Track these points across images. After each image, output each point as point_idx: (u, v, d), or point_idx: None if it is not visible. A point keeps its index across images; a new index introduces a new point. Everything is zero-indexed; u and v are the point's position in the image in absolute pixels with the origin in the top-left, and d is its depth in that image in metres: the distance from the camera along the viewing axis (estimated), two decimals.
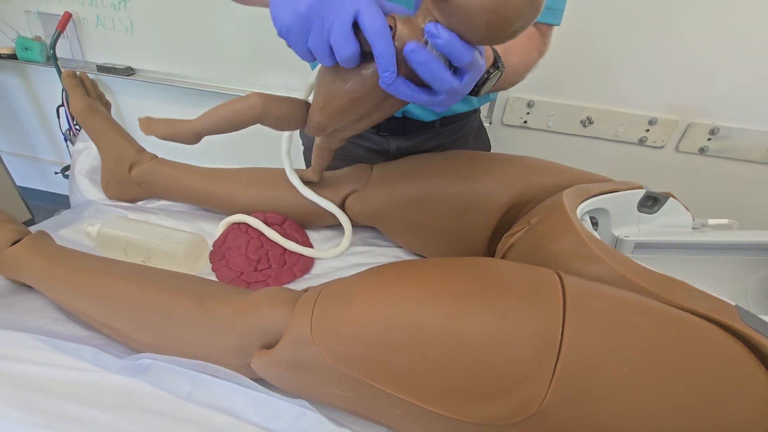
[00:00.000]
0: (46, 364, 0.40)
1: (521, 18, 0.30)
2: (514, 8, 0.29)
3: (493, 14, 0.29)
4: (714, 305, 0.32)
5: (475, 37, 0.31)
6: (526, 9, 0.29)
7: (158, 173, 0.66)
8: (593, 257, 0.36)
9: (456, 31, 0.31)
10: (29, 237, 0.50)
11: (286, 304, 0.39)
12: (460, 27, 0.30)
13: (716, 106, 1.00)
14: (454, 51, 0.30)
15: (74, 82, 0.67)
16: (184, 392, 0.39)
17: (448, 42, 0.30)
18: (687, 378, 0.29)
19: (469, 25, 0.30)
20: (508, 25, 0.30)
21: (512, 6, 0.29)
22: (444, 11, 0.30)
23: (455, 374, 0.31)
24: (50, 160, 1.70)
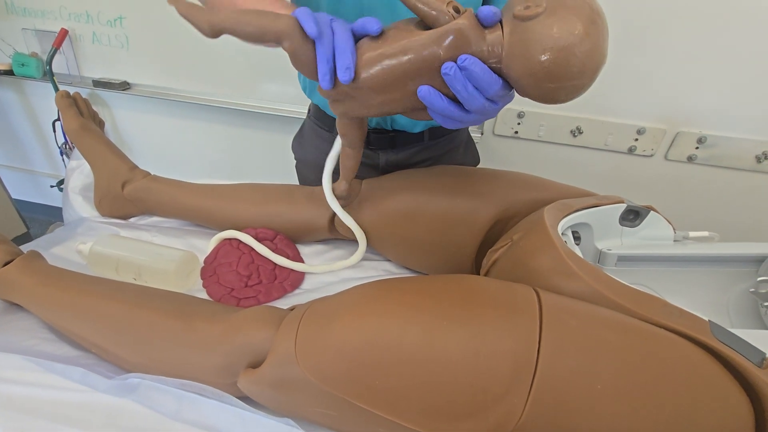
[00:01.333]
0: (35, 385, 0.40)
1: (574, 77, 0.32)
2: (572, 63, 0.32)
3: (551, 53, 0.31)
4: (687, 321, 0.33)
5: (524, 70, 0.33)
6: (580, 71, 0.32)
7: (151, 190, 0.67)
8: (571, 274, 0.37)
9: (512, 56, 0.33)
10: (21, 258, 0.51)
11: (271, 323, 0.40)
12: (518, 53, 0.33)
13: (703, 115, 1.01)
14: (483, 83, 0.33)
15: (67, 102, 0.68)
16: (172, 411, 0.40)
17: (482, 77, 0.33)
18: (660, 393, 0.30)
19: (526, 53, 0.32)
20: (560, 73, 0.32)
21: (572, 61, 0.31)
22: (515, 30, 0.33)
23: (434, 393, 0.32)
24: (46, 173, 1.71)
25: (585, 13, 0.32)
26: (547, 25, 0.31)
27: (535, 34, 0.32)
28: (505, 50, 0.33)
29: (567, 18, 0.31)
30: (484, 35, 0.34)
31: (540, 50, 0.32)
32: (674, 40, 0.94)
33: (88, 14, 1.25)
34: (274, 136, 1.34)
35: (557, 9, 0.32)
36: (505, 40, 0.33)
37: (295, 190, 0.66)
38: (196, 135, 1.41)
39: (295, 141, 0.78)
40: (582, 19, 0.31)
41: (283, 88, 1.24)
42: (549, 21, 0.31)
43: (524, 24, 0.32)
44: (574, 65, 0.32)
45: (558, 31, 0.31)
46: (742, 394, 0.30)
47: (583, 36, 0.31)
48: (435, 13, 0.33)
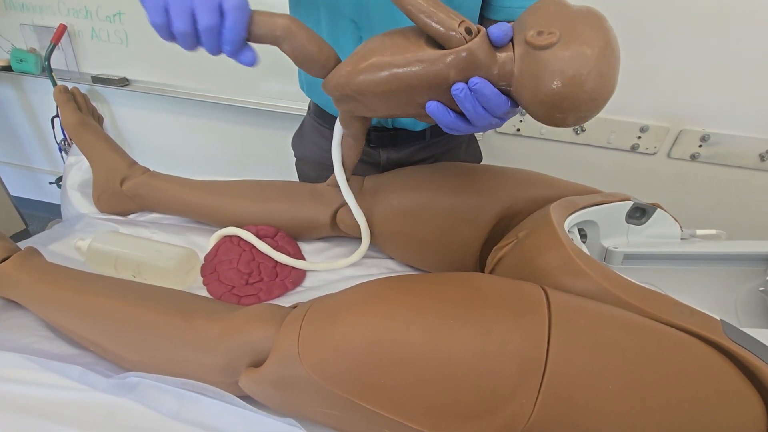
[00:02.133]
0: (33, 383, 0.40)
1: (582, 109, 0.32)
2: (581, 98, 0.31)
3: (562, 85, 0.31)
4: (698, 320, 0.32)
5: (533, 98, 0.33)
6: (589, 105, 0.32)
7: (150, 186, 0.66)
8: (579, 272, 0.37)
9: (522, 82, 0.33)
10: (18, 254, 0.50)
11: (273, 321, 0.39)
12: (528, 80, 0.32)
13: (707, 113, 1.01)
14: (492, 104, 0.33)
15: (66, 98, 0.67)
16: (172, 410, 0.39)
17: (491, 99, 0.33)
18: (672, 393, 0.29)
19: (536, 82, 0.32)
20: (569, 106, 0.32)
21: (581, 96, 0.31)
22: (527, 64, 0.32)
23: (440, 393, 0.31)
24: (45, 170, 1.70)
25: (599, 45, 0.31)
26: (559, 58, 0.31)
27: (547, 65, 0.31)
28: (515, 76, 0.33)
29: (580, 52, 0.31)
30: (495, 57, 0.33)
31: (551, 83, 0.31)
32: (678, 38, 0.94)
33: (87, 10, 1.24)
34: (274, 134, 1.33)
35: (571, 41, 0.31)
36: (516, 65, 0.33)
37: (296, 186, 0.65)
38: (195, 132, 1.41)
39: (295, 138, 0.77)
40: (595, 55, 0.31)
41: (283, 85, 1.23)
42: (561, 54, 0.31)
43: (536, 53, 0.32)
44: (583, 100, 0.32)
45: (570, 66, 0.31)
46: (755, 395, 0.30)
47: (596, 73, 0.31)
48: (447, 33, 0.33)
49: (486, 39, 0.33)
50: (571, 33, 0.31)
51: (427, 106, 0.35)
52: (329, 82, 0.38)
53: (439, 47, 0.34)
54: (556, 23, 0.32)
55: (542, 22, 0.32)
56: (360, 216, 0.57)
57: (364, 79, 0.35)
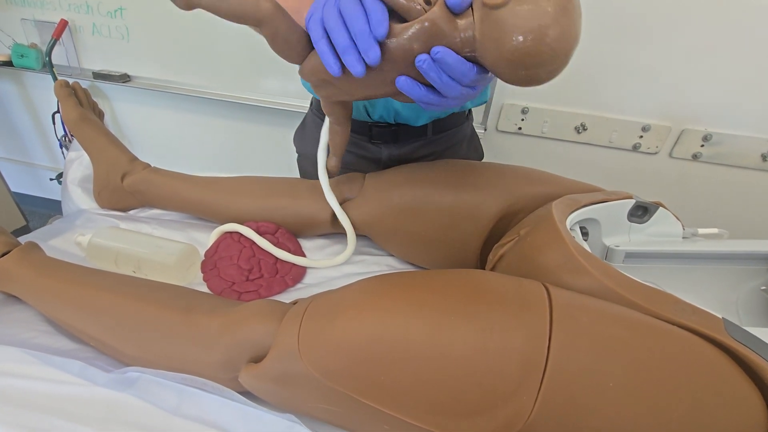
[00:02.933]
0: (33, 378, 0.40)
1: (545, 63, 0.32)
2: (543, 51, 0.31)
3: (522, 41, 0.31)
4: (700, 318, 0.32)
5: (497, 58, 0.32)
6: (552, 57, 0.31)
7: (151, 182, 0.66)
8: (581, 270, 0.36)
9: (484, 45, 0.33)
10: (18, 248, 0.50)
11: (273, 317, 0.39)
12: (489, 41, 0.32)
13: (709, 113, 1.00)
14: (457, 72, 0.33)
15: (66, 92, 0.67)
16: (172, 406, 0.39)
17: (455, 66, 0.32)
18: (674, 392, 0.29)
19: (497, 42, 0.32)
20: (532, 61, 0.32)
21: (542, 48, 0.31)
22: (485, 18, 0.32)
23: (440, 389, 0.31)
24: (45, 166, 1.70)
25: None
26: (515, 13, 0.31)
27: (504, 24, 0.31)
28: (477, 41, 0.33)
29: (535, 5, 0.31)
30: (456, 24, 0.33)
31: (510, 39, 0.31)
32: (680, 36, 0.93)
33: (88, 5, 1.23)
34: (276, 130, 1.33)
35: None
36: (476, 29, 0.33)
37: (297, 183, 0.65)
38: (196, 128, 1.40)
39: (296, 134, 0.77)
40: (552, 6, 0.31)
41: (285, 83, 1.22)
42: (517, 9, 0.31)
43: (494, 12, 0.31)
44: (545, 52, 0.31)
45: (526, 20, 0.31)
46: (756, 393, 0.30)
47: (553, 22, 0.31)
48: (408, 4, 0.33)
49: (444, 7, 0.32)
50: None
51: (396, 82, 0.35)
52: (305, 67, 0.38)
53: (402, 21, 0.34)
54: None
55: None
56: (343, 217, 0.58)
57: None
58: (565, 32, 0.31)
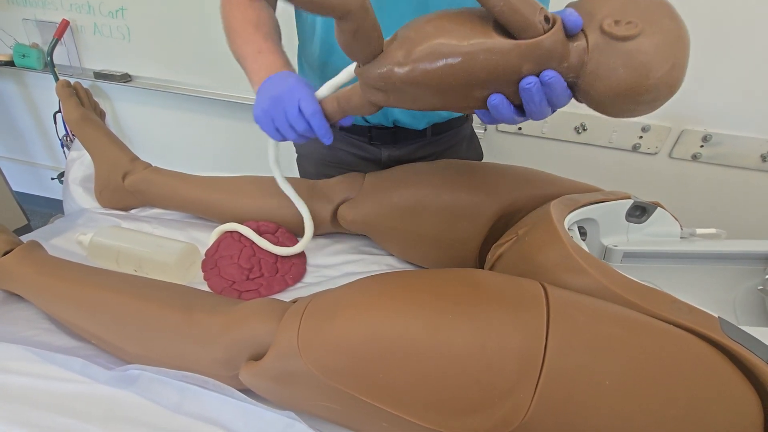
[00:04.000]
0: (35, 376, 0.40)
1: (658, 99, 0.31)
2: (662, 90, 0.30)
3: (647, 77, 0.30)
4: (696, 317, 0.32)
5: (608, 90, 0.31)
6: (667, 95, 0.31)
7: (152, 182, 0.67)
8: (579, 269, 0.37)
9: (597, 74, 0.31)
10: (20, 247, 0.50)
11: (273, 316, 0.39)
12: (606, 71, 0.30)
13: (708, 113, 1.01)
14: (558, 98, 0.32)
15: (68, 92, 0.68)
16: (173, 403, 0.39)
17: (560, 94, 0.31)
18: (669, 390, 0.29)
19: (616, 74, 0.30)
20: (646, 98, 0.31)
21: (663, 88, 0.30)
22: (606, 54, 0.30)
23: (439, 387, 0.31)
24: (47, 166, 1.70)
25: (677, 35, 0.30)
26: (643, 50, 0.29)
27: (630, 57, 0.29)
28: (587, 68, 0.31)
29: (664, 44, 0.29)
30: (569, 49, 0.31)
31: (634, 75, 0.30)
32: None
33: (90, 5, 1.24)
34: None
35: (653, 32, 0.29)
36: (589, 56, 0.31)
37: (297, 183, 0.65)
38: (197, 128, 1.41)
39: None
40: (677, 45, 0.30)
41: None
42: (645, 45, 0.29)
43: (616, 44, 0.30)
44: (663, 91, 0.31)
45: (656, 58, 0.29)
46: (751, 391, 0.30)
47: (677, 63, 0.30)
48: (528, 21, 0.29)
49: (562, 28, 0.30)
50: (651, 21, 0.30)
51: (490, 100, 0.32)
52: (372, 70, 0.33)
53: (507, 34, 0.30)
54: (630, 11, 0.30)
55: (615, 9, 0.30)
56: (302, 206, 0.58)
57: (420, 69, 0.31)
58: (683, 71, 0.31)
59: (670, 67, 0.30)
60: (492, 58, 0.30)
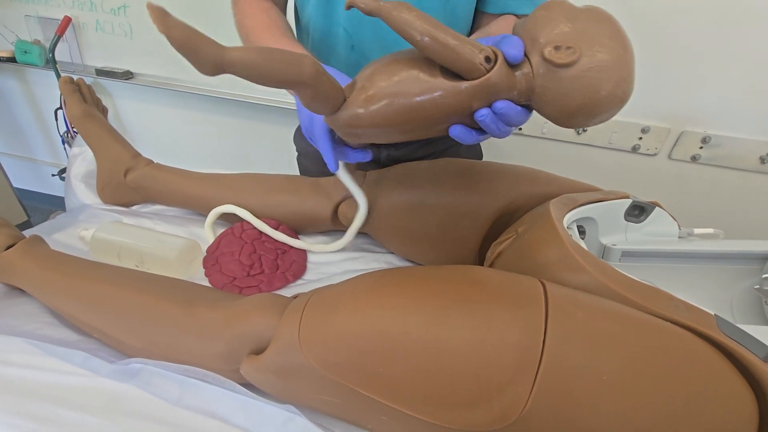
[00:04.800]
0: (37, 368, 0.40)
1: (608, 114, 0.33)
2: (609, 106, 0.32)
3: (590, 99, 0.31)
4: (693, 315, 0.33)
5: (559, 111, 0.33)
6: (615, 109, 0.33)
7: (154, 178, 0.67)
8: (577, 266, 0.37)
9: (545, 98, 0.33)
10: (23, 242, 0.50)
11: (274, 310, 0.39)
12: (552, 95, 0.32)
13: (708, 115, 1.01)
14: (515, 120, 0.34)
15: (71, 88, 0.68)
16: (174, 397, 0.39)
17: (515, 118, 0.33)
18: (666, 386, 0.30)
19: (563, 97, 0.32)
20: (595, 114, 0.32)
21: (608, 105, 0.32)
22: (549, 80, 0.32)
23: (438, 382, 0.31)
24: (47, 162, 1.70)
25: (618, 52, 0.31)
26: (584, 75, 0.31)
27: (572, 82, 0.31)
28: (536, 93, 0.33)
29: (605, 65, 0.31)
30: (514, 78, 0.32)
31: (578, 98, 0.31)
32: (680, 39, 0.94)
33: (92, 2, 1.24)
34: (276, 128, 1.34)
35: (592, 54, 0.31)
36: (536, 82, 0.32)
37: (298, 180, 0.65)
38: (198, 126, 1.41)
39: (297, 133, 0.78)
40: (618, 62, 0.31)
41: None
42: (585, 70, 0.31)
43: (558, 71, 0.31)
44: (610, 106, 0.32)
45: (597, 80, 0.31)
46: (747, 388, 0.30)
47: (622, 79, 0.31)
48: (469, 64, 0.31)
49: (505, 63, 0.32)
50: (589, 43, 0.31)
51: (450, 131, 0.35)
52: (339, 119, 0.35)
53: (454, 74, 0.32)
54: (569, 34, 0.31)
55: (555, 34, 0.32)
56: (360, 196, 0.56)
57: (380, 116, 0.33)
58: (629, 84, 0.32)
59: (614, 85, 0.31)
60: (443, 101, 0.32)
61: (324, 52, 0.59)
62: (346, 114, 0.34)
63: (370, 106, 0.33)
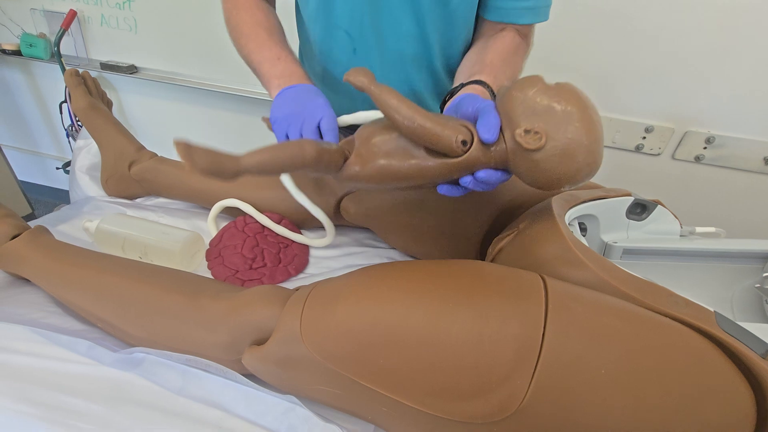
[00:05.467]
0: (42, 356, 0.41)
1: (576, 184, 0.36)
2: (578, 179, 0.35)
3: (558, 180, 0.35)
4: (693, 311, 0.33)
5: (532, 183, 0.37)
6: (585, 177, 0.36)
7: (158, 171, 0.67)
8: (578, 262, 0.37)
9: (519, 171, 0.36)
10: (28, 232, 0.51)
11: (277, 302, 0.40)
12: (525, 172, 0.36)
13: (712, 115, 1.01)
14: (500, 181, 0.37)
15: (76, 81, 0.68)
16: (176, 386, 0.40)
17: (495, 181, 0.37)
18: (664, 381, 0.30)
19: (534, 174, 0.36)
20: (566, 181, 0.36)
21: (578, 178, 0.35)
22: (521, 159, 0.35)
23: (437, 373, 0.32)
24: (52, 155, 1.71)
25: (586, 129, 0.34)
26: (552, 158, 0.34)
27: (540, 164, 0.34)
28: (510, 164, 0.36)
29: (572, 146, 0.33)
30: (491, 155, 0.36)
31: (547, 175, 0.35)
32: (685, 39, 0.93)
33: None
34: None
35: (559, 136, 0.33)
36: (509, 158, 0.36)
37: (300, 175, 0.66)
38: (202, 121, 1.41)
39: None
40: (586, 140, 0.33)
41: None
42: (553, 153, 0.34)
43: (528, 153, 0.34)
44: (581, 177, 0.36)
45: (565, 161, 0.34)
46: (746, 384, 0.30)
47: (590, 154, 0.34)
48: (448, 148, 0.35)
49: (480, 144, 0.35)
50: (556, 127, 0.34)
51: (438, 189, 0.39)
52: (341, 176, 0.40)
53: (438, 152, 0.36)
54: (538, 117, 0.34)
55: (525, 117, 0.34)
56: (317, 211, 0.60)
57: (374, 175, 0.38)
58: (598, 156, 0.35)
59: (578, 166, 0.34)
60: (428, 172, 0.36)
61: (326, 54, 0.59)
62: (346, 172, 0.39)
63: (366, 169, 0.38)
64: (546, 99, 0.34)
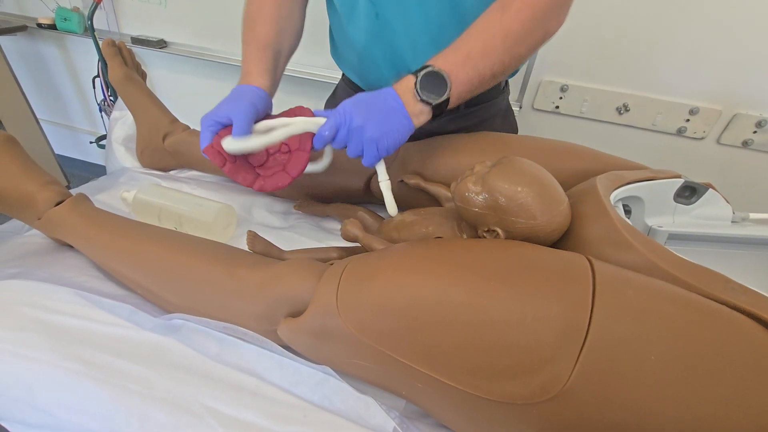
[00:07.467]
0: (86, 319, 0.42)
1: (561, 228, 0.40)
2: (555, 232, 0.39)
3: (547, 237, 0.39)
4: (751, 299, 0.31)
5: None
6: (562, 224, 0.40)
7: (191, 144, 0.68)
8: (625, 244, 0.36)
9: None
10: (71, 198, 0.52)
11: (312, 275, 0.40)
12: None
13: (765, 96, 0.94)
14: None
15: (113, 51, 0.69)
16: (213, 353, 0.41)
17: None
18: (717, 370, 0.28)
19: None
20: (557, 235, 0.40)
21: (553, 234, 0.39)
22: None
23: (477, 352, 0.31)
24: (84, 130, 1.76)
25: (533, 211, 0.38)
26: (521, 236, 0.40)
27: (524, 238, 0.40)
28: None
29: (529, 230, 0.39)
30: None
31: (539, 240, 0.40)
32: (736, 12, 0.86)
33: None
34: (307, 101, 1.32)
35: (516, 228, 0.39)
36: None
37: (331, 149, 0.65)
38: None
39: (328, 103, 0.77)
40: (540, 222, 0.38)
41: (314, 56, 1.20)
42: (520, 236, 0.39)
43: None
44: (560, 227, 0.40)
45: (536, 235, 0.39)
46: None
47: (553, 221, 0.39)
48: None
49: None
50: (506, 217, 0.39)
51: None
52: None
53: None
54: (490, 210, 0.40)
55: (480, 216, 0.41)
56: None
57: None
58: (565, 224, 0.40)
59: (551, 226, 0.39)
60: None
61: (348, 19, 0.58)
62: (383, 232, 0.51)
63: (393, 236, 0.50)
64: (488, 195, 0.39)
